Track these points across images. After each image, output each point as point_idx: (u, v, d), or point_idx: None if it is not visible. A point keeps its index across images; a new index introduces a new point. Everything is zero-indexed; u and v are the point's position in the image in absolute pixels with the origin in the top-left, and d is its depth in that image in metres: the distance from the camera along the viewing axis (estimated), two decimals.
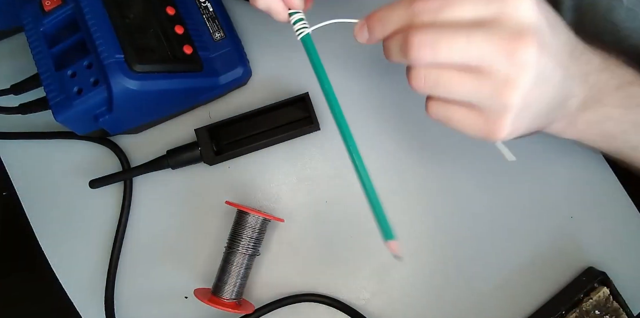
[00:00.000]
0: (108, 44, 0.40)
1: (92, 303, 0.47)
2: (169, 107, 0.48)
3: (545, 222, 0.46)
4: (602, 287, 0.42)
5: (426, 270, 0.46)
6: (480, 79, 0.28)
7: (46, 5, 0.43)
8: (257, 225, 0.44)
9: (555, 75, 0.29)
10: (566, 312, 0.42)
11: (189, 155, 0.47)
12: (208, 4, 0.47)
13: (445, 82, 0.29)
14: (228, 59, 0.46)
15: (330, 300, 0.46)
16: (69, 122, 0.43)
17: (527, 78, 0.28)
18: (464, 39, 0.28)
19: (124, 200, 0.48)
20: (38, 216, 0.49)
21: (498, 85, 0.28)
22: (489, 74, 0.28)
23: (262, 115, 0.47)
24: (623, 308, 0.42)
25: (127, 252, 0.48)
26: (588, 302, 0.42)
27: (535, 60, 0.28)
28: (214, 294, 0.44)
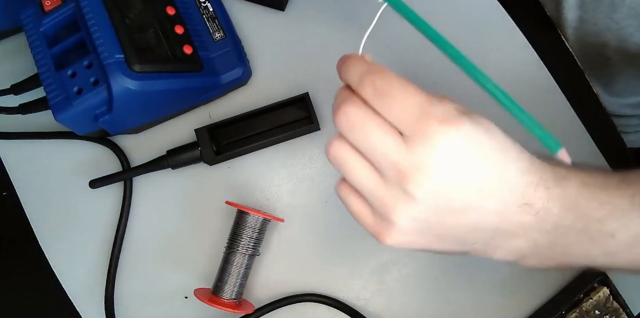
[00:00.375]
0: (108, 44, 0.40)
1: (92, 303, 0.47)
2: (169, 107, 0.48)
3: None
4: (602, 287, 0.42)
5: (426, 270, 0.46)
6: (378, 181, 0.28)
7: (46, 5, 0.43)
8: (257, 225, 0.44)
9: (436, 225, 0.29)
10: (566, 312, 0.42)
11: (189, 155, 0.47)
12: (208, 4, 0.47)
13: (349, 166, 0.29)
14: (228, 59, 0.46)
15: (330, 300, 0.46)
16: (69, 122, 0.43)
17: (407, 210, 0.28)
18: (376, 138, 0.28)
19: (124, 200, 0.48)
20: (38, 216, 0.49)
21: (388, 198, 0.28)
22: (386, 182, 0.28)
23: (262, 115, 0.48)
24: (623, 308, 0.42)
25: (127, 252, 0.48)
26: (588, 302, 0.42)
27: (415, 203, 0.27)
28: (214, 294, 0.44)
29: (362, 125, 0.28)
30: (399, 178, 0.27)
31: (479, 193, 0.28)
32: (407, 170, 0.27)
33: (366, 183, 0.29)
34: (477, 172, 0.27)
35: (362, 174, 0.29)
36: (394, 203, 0.28)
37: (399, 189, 0.27)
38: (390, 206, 0.28)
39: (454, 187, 0.27)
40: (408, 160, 0.27)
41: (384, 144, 0.27)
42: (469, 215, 0.28)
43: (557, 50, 0.49)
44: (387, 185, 0.28)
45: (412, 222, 0.28)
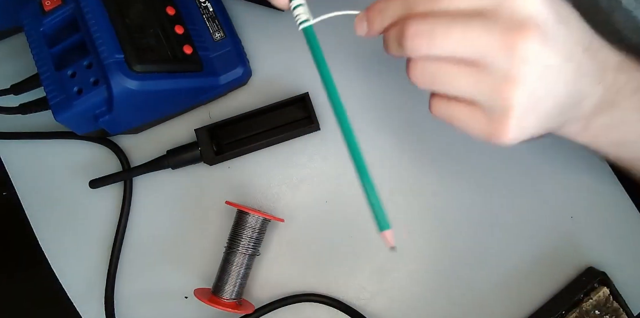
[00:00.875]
0: (108, 44, 0.40)
1: (92, 303, 0.47)
2: (169, 107, 0.48)
3: (545, 222, 0.46)
4: (602, 287, 0.42)
5: (426, 270, 0.46)
6: (479, 75, 0.27)
7: (46, 5, 0.43)
8: (257, 225, 0.44)
9: (565, 72, 0.28)
10: (566, 312, 0.42)
11: (189, 155, 0.47)
12: (208, 4, 0.47)
13: (443, 76, 0.28)
14: (228, 59, 0.46)
15: (330, 300, 0.46)
16: (69, 122, 0.43)
17: (529, 74, 0.26)
18: (459, 30, 0.26)
19: (124, 200, 0.48)
20: (38, 216, 0.49)
21: (498, 82, 0.27)
22: (487, 69, 0.27)
23: (262, 115, 0.48)
24: (623, 308, 0.42)
25: (127, 252, 0.48)
26: (588, 302, 0.42)
27: (537, 55, 0.26)
28: (214, 294, 0.44)
29: (440, 27, 0.27)
30: (505, 44, 0.26)
31: (577, 47, 0.28)
32: (510, 29, 0.26)
33: (471, 82, 0.28)
34: (569, 19, 0.28)
35: (462, 76, 0.28)
36: (507, 83, 0.27)
37: (507, 60, 0.26)
38: (505, 87, 0.27)
39: (559, 47, 0.27)
40: (504, 24, 0.26)
41: (470, 32, 0.26)
42: (568, 71, 0.28)
43: None
44: (492, 71, 0.27)
45: (528, 97, 0.27)
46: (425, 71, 0.29)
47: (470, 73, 0.27)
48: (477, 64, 0.27)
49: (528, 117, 0.28)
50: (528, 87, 0.26)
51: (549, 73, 0.27)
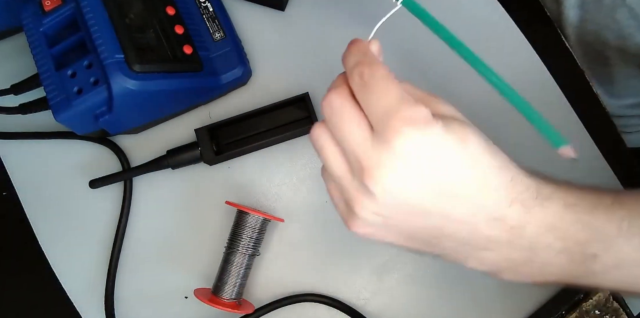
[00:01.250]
0: (108, 44, 0.40)
1: (92, 303, 0.47)
2: (169, 107, 0.48)
3: None
4: None
5: (426, 270, 0.46)
6: (346, 171, 0.29)
7: (46, 5, 0.43)
8: (257, 225, 0.44)
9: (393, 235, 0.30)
10: (566, 312, 0.42)
11: (189, 155, 0.47)
12: (208, 4, 0.47)
13: (324, 148, 0.30)
14: (228, 59, 0.46)
15: (330, 300, 0.46)
16: (69, 122, 0.43)
17: (365, 211, 0.28)
18: (347, 130, 0.28)
19: (124, 200, 0.48)
20: (38, 216, 0.49)
21: (352, 187, 0.28)
22: (351, 171, 0.28)
23: (262, 115, 0.47)
24: (623, 308, 0.42)
25: (127, 252, 0.48)
26: (588, 302, 0.42)
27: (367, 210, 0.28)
28: (214, 294, 0.44)
29: (339, 114, 0.28)
30: (360, 172, 0.27)
31: (442, 199, 0.27)
32: (367, 165, 0.27)
33: (337, 172, 0.29)
34: (440, 178, 0.27)
35: (334, 163, 0.29)
36: (356, 196, 0.28)
37: (361, 183, 0.27)
38: (353, 198, 0.28)
39: (413, 189, 0.27)
40: (369, 155, 0.27)
41: (354, 136, 0.27)
42: (432, 220, 0.28)
43: (557, 50, 0.49)
44: (353, 178, 0.28)
45: (373, 216, 0.28)
46: (319, 136, 0.30)
47: (342, 166, 0.29)
48: (349, 163, 0.29)
49: (370, 229, 0.30)
50: (369, 211, 0.28)
51: (376, 224, 0.29)
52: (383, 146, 0.26)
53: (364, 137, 0.27)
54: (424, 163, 0.26)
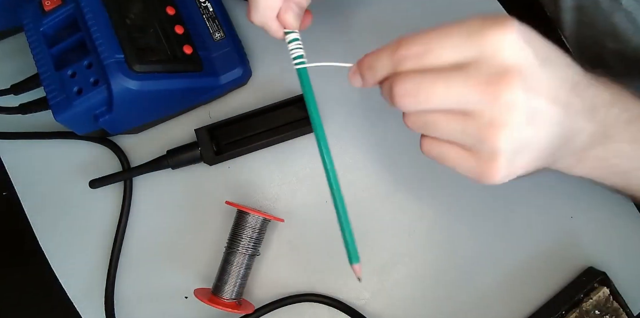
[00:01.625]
0: (108, 44, 0.40)
1: (92, 303, 0.47)
2: (169, 107, 0.48)
3: (546, 222, 0.46)
4: (602, 287, 0.42)
5: (426, 270, 0.46)
6: (466, 122, 0.28)
7: (46, 5, 0.43)
8: (257, 225, 0.44)
9: (552, 114, 0.28)
10: (566, 312, 0.42)
11: (189, 155, 0.47)
12: (208, 4, 0.47)
13: (433, 125, 0.29)
14: (228, 59, 0.46)
15: (330, 300, 0.46)
16: (69, 122, 0.43)
17: (514, 120, 0.27)
18: (442, 86, 0.27)
19: (124, 200, 0.48)
20: (38, 216, 0.49)
21: (483, 128, 0.28)
22: (473, 117, 0.28)
23: (262, 115, 0.47)
24: (623, 308, 0.42)
25: (127, 252, 0.48)
26: (588, 302, 0.42)
27: (520, 101, 0.27)
28: (214, 294, 0.44)
29: (424, 85, 0.28)
30: (487, 93, 0.27)
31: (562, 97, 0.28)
32: (490, 79, 0.27)
33: (459, 128, 0.29)
34: (553, 61, 0.28)
35: (451, 124, 0.29)
36: (493, 128, 0.27)
37: (491, 107, 0.27)
38: (491, 132, 0.28)
39: (537, 86, 0.27)
40: (484, 74, 0.27)
41: (453, 86, 0.27)
42: (555, 112, 0.29)
43: None
44: (478, 119, 0.28)
45: (514, 141, 0.28)
46: (416, 121, 0.30)
47: (458, 121, 0.28)
48: (464, 112, 0.28)
49: (516, 159, 0.29)
50: (514, 131, 0.27)
51: (535, 116, 0.28)
52: (490, 60, 0.27)
53: (464, 73, 0.27)
54: (534, 54, 0.27)
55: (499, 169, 0.29)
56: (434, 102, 0.28)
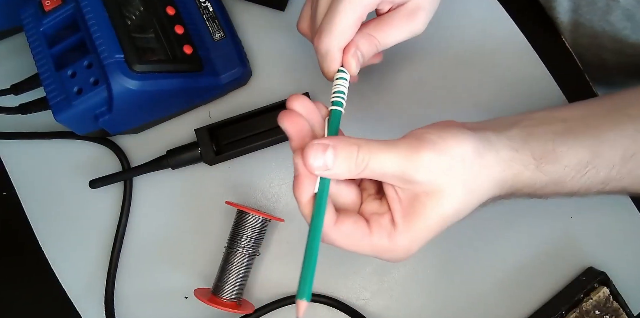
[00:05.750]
0: (108, 44, 0.40)
1: (92, 303, 0.47)
2: (169, 107, 0.48)
3: (545, 222, 0.46)
4: (602, 287, 0.42)
5: (426, 270, 0.46)
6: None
7: (46, 5, 0.43)
8: (257, 225, 0.44)
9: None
10: (566, 312, 0.42)
11: (189, 155, 0.47)
12: (208, 4, 0.47)
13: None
14: (228, 59, 0.46)
15: (330, 300, 0.46)
16: (69, 122, 0.43)
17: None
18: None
19: (124, 200, 0.48)
20: (38, 216, 0.49)
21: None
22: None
23: (262, 115, 0.47)
24: (623, 308, 0.42)
25: (127, 252, 0.48)
26: (588, 302, 0.42)
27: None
28: (214, 294, 0.44)
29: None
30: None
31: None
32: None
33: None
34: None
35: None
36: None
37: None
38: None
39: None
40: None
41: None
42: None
43: (557, 50, 0.49)
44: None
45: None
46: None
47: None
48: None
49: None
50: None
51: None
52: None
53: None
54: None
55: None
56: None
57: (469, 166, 0.30)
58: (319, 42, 0.35)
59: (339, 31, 0.34)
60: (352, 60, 0.35)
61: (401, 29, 0.36)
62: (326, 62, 0.35)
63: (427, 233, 0.31)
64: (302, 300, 0.29)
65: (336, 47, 0.35)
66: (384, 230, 0.31)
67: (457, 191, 0.30)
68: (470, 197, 0.31)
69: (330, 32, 0.34)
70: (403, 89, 0.48)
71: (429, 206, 0.30)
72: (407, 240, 0.31)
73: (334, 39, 0.34)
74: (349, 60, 0.35)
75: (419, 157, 0.29)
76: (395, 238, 0.31)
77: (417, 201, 0.30)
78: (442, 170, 0.30)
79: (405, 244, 0.31)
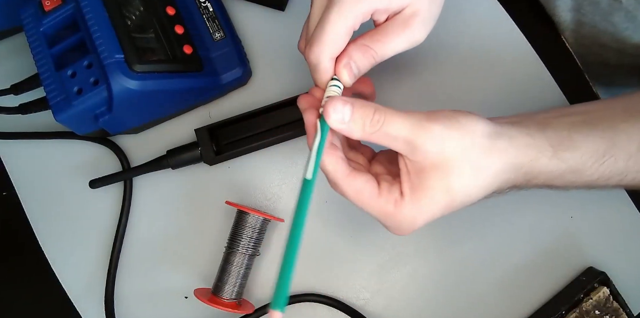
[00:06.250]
0: (108, 44, 0.40)
1: (92, 303, 0.47)
2: (169, 107, 0.48)
3: (545, 222, 0.46)
4: (602, 287, 0.42)
5: (426, 270, 0.46)
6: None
7: (46, 5, 0.43)
8: (257, 225, 0.44)
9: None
10: (566, 312, 0.42)
11: (189, 155, 0.47)
12: (208, 4, 0.47)
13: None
14: (228, 59, 0.46)
15: (330, 300, 0.46)
16: (69, 122, 0.43)
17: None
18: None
19: (124, 200, 0.48)
20: (38, 216, 0.49)
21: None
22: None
23: (262, 115, 0.47)
24: (623, 308, 0.42)
25: (127, 252, 0.48)
26: (588, 302, 0.42)
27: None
28: (214, 294, 0.44)
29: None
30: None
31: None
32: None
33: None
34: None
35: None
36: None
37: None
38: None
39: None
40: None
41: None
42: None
43: (557, 50, 0.49)
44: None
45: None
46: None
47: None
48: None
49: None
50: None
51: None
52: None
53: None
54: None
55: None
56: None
57: (479, 145, 0.31)
58: (309, 52, 0.34)
59: (329, 40, 0.33)
60: (344, 70, 0.34)
61: (398, 38, 0.35)
62: (317, 73, 0.35)
63: (433, 208, 0.32)
64: (277, 310, 0.28)
65: (327, 57, 0.34)
66: (391, 196, 0.32)
67: (465, 167, 0.31)
68: (480, 176, 0.31)
69: (320, 41, 0.33)
70: (403, 88, 0.48)
71: (434, 178, 0.31)
72: (412, 211, 0.32)
73: (324, 48, 0.33)
74: (340, 71, 0.34)
75: (431, 127, 0.30)
76: (401, 207, 0.32)
77: (424, 173, 0.31)
78: (451, 144, 0.30)
79: (410, 215, 0.32)
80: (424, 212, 0.32)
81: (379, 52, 0.35)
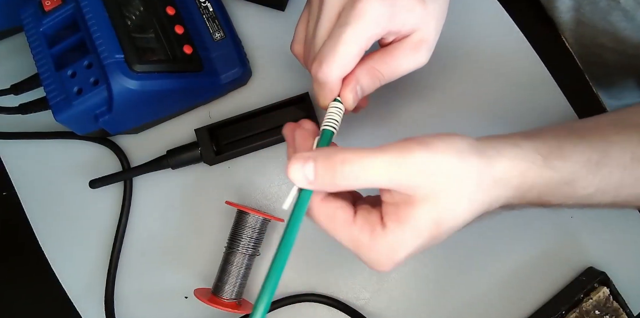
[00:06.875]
0: (108, 44, 0.40)
1: (92, 303, 0.47)
2: (169, 107, 0.48)
3: (545, 222, 0.46)
4: (602, 287, 0.42)
5: (426, 270, 0.46)
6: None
7: (46, 5, 0.43)
8: (257, 225, 0.44)
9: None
10: (566, 312, 0.42)
11: (189, 155, 0.47)
12: (208, 4, 0.47)
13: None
14: (228, 59, 0.46)
15: (330, 300, 0.46)
16: (69, 122, 0.43)
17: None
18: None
19: (124, 200, 0.48)
20: (38, 216, 0.49)
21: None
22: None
23: (262, 115, 0.47)
24: (623, 308, 0.42)
25: (127, 252, 0.48)
26: (588, 302, 0.42)
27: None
28: (214, 294, 0.44)
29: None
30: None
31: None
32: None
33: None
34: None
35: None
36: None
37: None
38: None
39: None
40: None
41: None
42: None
43: (557, 50, 0.49)
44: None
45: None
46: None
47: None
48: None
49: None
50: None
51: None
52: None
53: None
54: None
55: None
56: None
57: (466, 165, 0.29)
58: (318, 70, 0.33)
59: (341, 62, 0.32)
60: (350, 95, 0.33)
61: (406, 62, 0.34)
62: (323, 92, 0.34)
63: (415, 240, 0.29)
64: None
65: (336, 78, 0.33)
66: (367, 225, 0.30)
67: (454, 193, 0.28)
68: (471, 197, 0.29)
69: (332, 61, 0.32)
70: (402, 88, 0.48)
71: (421, 209, 0.28)
72: (393, 244, 0.29)
73: (335, 69, 0.32)
74: (346, 95, 0.34)
75: (411, 159, 0.28)
76: (377, 239, 0.29)
77: (412, 204, 0.28)
78: (437, 171, 0.28)
79: (386, 248, 0.29)
80: (405, 246, 0.29)
81: (386, 76, 0.34)
